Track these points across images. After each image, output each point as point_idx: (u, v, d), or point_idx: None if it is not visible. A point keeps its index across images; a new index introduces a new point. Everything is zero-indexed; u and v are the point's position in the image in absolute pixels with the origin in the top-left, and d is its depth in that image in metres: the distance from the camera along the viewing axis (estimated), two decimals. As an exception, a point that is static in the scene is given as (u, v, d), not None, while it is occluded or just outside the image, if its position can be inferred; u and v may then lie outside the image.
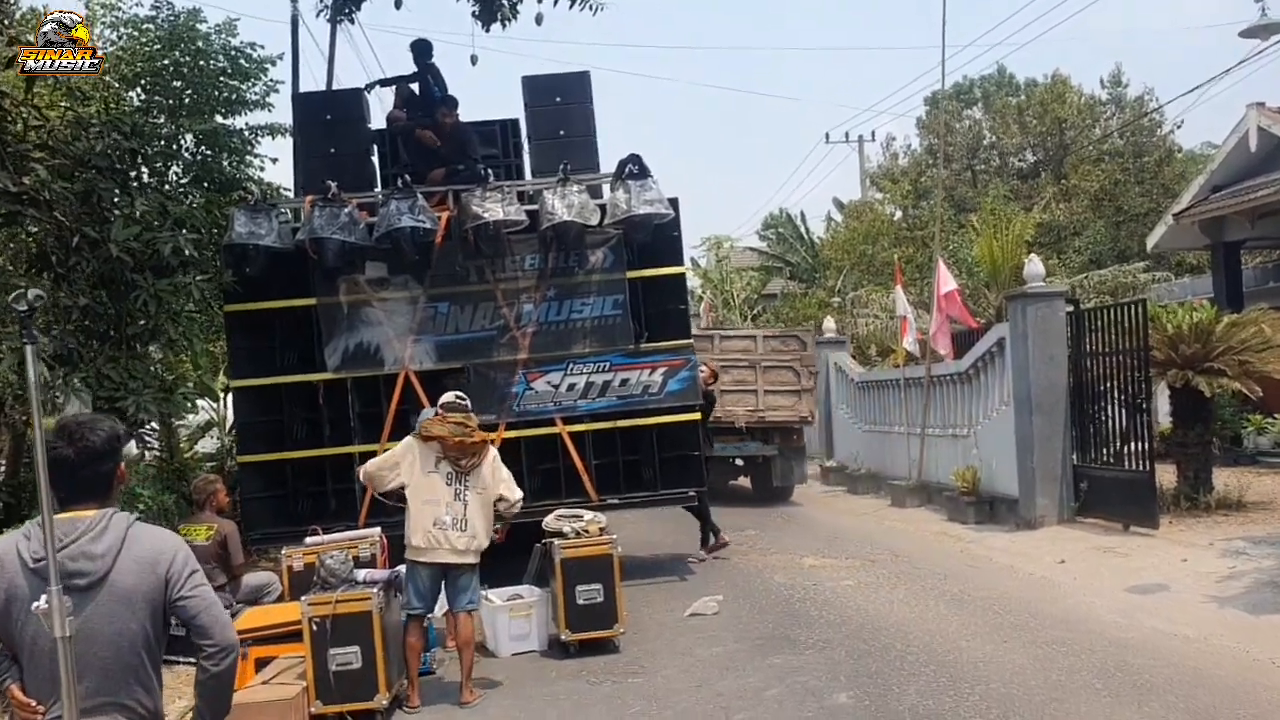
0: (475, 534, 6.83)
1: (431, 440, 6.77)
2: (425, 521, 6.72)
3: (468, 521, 6.78)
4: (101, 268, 8.58)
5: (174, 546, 3.06)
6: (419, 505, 6.74)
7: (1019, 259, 16.33)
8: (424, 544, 6.71)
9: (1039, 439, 12.09)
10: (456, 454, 6.75)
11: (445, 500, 6.75)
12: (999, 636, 7.68)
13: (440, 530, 6.71)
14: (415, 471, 6.79)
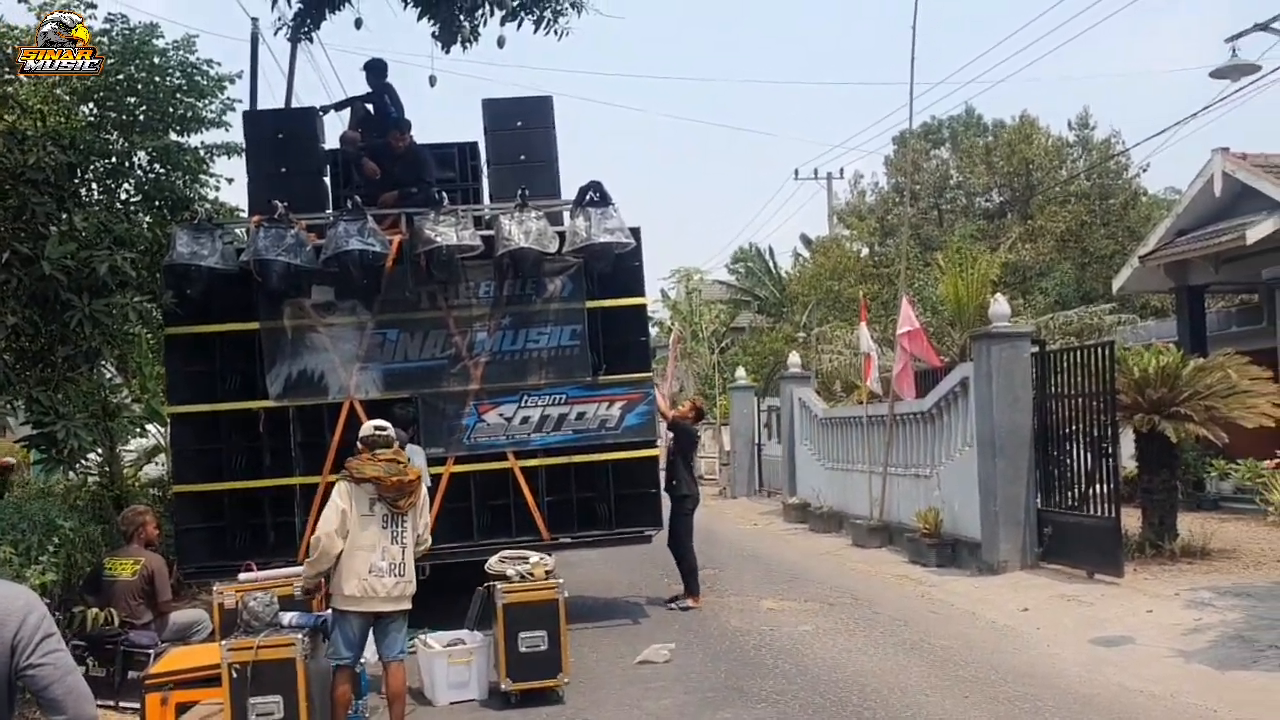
0: (410, 577, 6.44)
1: (365, 482, 6.36)
2: (359, 568, 6.26)
3: (404, 566, 6.38)
4: (34, 286, 8.21)
5: (25, 606, 2.69)
6: (353, 550, 6.27)
7: (984, 298, 16.20)
8: (357, 592, 6.27)
9: (1002, 481, 11.88)
10: (394, 495, 6.35)
11: (382, 545, 6.32)
12: (959, 690, 7.39)
13: (376, 577, 6.28)
14: (351, 516, 6.36)
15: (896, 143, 33.26)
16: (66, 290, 8.27)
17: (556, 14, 12.29)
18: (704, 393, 30.92)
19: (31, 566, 7.07)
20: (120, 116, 11.03)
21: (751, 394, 25.54)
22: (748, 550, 15.37)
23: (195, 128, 11.86)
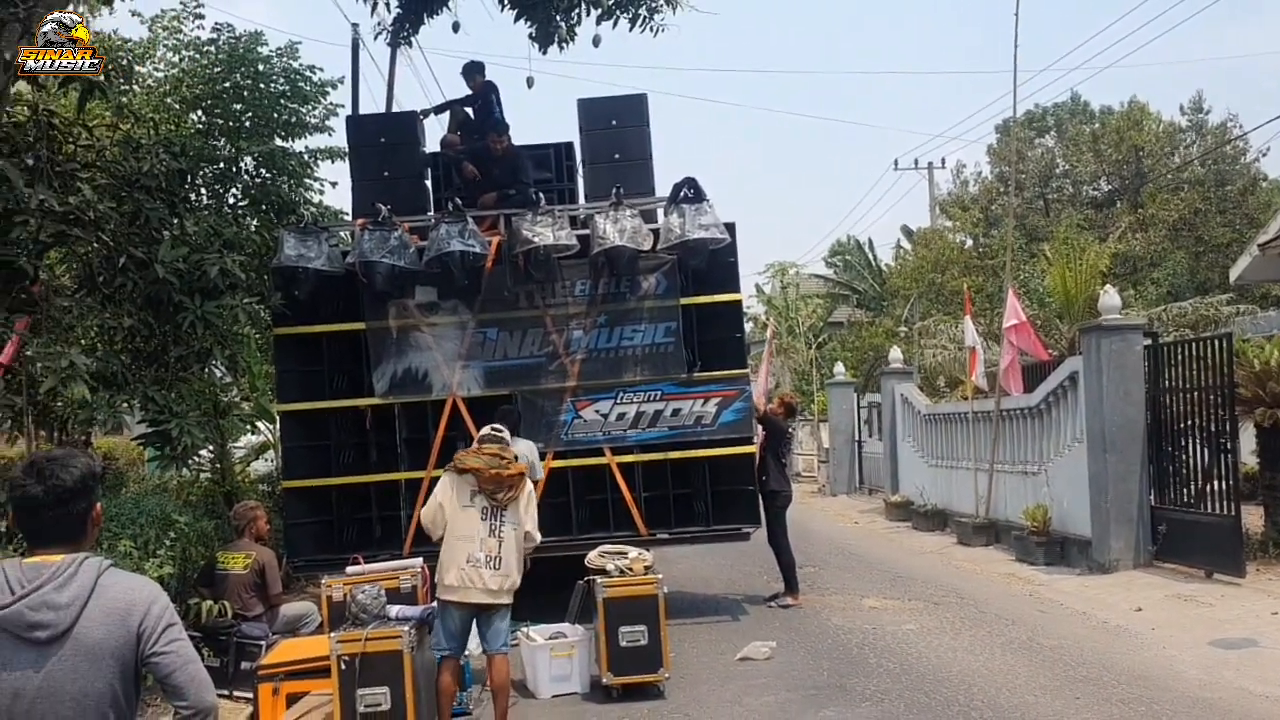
0: (509, 572, 6.49)
1: (466, 472, 6.47)
2: (458, 558, 6.39)
3: (502, 559, 6.44)
4: (149, 289, 8.49)
5: (149, 597, 2.77)
6: (452, 540, 6.42)
7: (1093, 290, 15.72)
8: (455, 582, 6.38)
9: (1113, 478, 11.52)
10: (493, 487, 6.44)
11: (480, 536, 6.42)
12: (1070, 691, 7.18)
13: (473, 568, 6.37)
14: (451, 505, 6.49)
15: (1000, 131, 32.48)
16: (179, 293, 8.54)
17: (652, 11, 12.27)
18: (801, 389, 30.65)
19: (150, 560, 7.34)
20: (227, 123, 11.39)
21: (851, 390, 25.22)
22: (849, 548, 15.17)
23: (299, 133, 12.19)
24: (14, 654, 2.62)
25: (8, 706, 2.62)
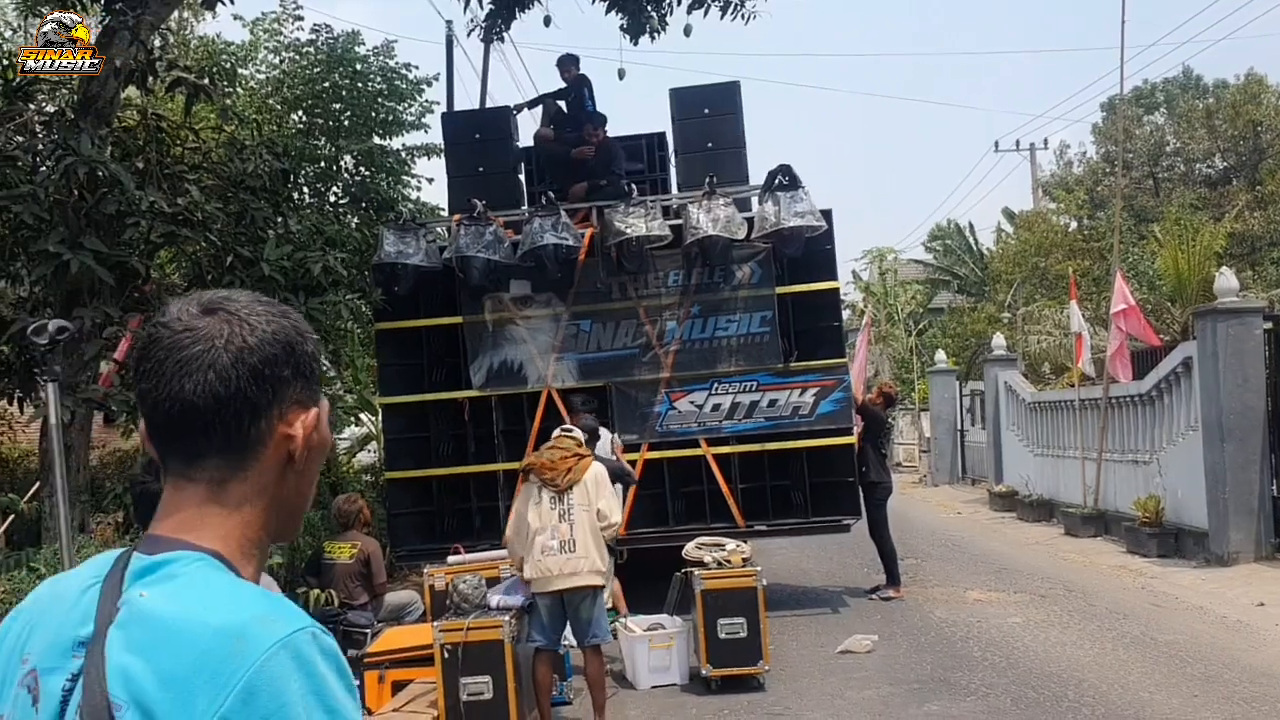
0: (586, 553, 6.39)
1: (529, 473, 6.58)
2: (535, 551, 6.39)
3: (575, 542, 6.39)
4: (255, 286, 8.71)
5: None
6: (530, 538, 6.45)
7: (1208, 272, 15.14)
8: (534, 574, 6.39)
9: (1231, 467, 11.07)
10: (549, 475, 6.47)
11: (551, 525, 6.40)
12: (1187, 689, 6.91)
13: (548, 556, 6.36)
14: (526, 508, 6.53)
15: (1105, 109, 31.50)
16: (284, 290, 8.75)
17: (743, -2, 12.15)
18: (901, 377, 30.15)
19: (258, 550, 7.52)
20: (327, 123, 11.65)
21: (952, 378, 24.72)
22: (951, 539, 14.87)
23: (396, 131, 12.42)
24: None
25: None
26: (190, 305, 1.23)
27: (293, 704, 1.07)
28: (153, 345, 1.21)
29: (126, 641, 1.11)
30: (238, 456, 1.21)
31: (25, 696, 1.18)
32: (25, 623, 1.25)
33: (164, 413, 1.20)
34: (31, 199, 7.08)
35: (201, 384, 1.18)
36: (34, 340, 2.31)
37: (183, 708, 1.06)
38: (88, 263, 7.10)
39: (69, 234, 7.25)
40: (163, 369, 1.19)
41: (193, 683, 1.06)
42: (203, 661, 1.07)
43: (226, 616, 1.10)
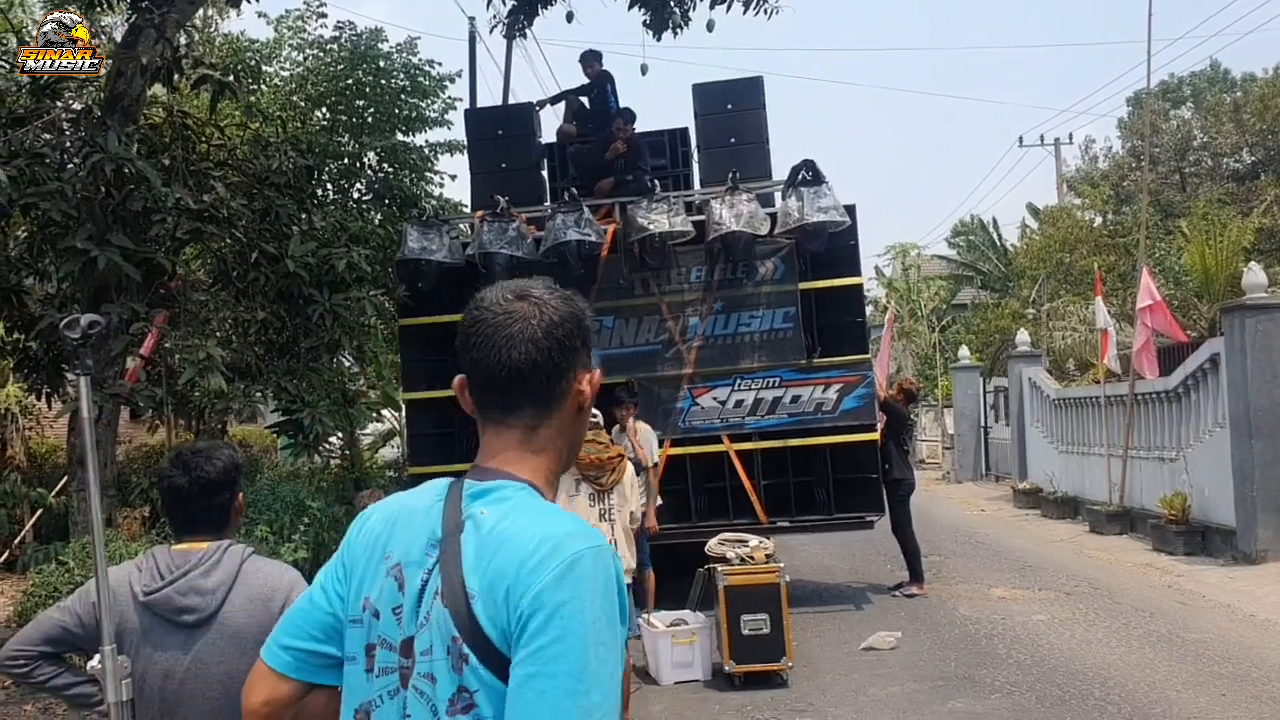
0: (622, 555, 6.51)
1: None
2: None
3: (617, 542, 6.47)
4: (280, 283, 8.77)
5: (289, 582, 2.85)
6: None
7: (1235, 267, 14.99)
8: None
9: (1260, 464, 10.97)
10: (595, 473, 6.49)
11: (591, 522, 6.45)
12: (1215, 688, 6.85)
13: None
14: (560, 499, 6.49)
15: (1131, 104, 31.21)
16: (309, 286, 8.80)
17: (767, -8, 12.10)
18: (924, 373, 30.02)
19: (285, 544, 7.58)
20: (351, 120, 11.69)
21: (976, 374, 24.59)
22: (975, 537, 14.80)
23: (419, 127, 12.46)
24: (164, 636, 2.74)
25: (159, 686, 2.73)
26: (504, 293, 1.64)
27: (589, 590, 1.45)
28: (479, 324, 1.61)
29: (474, 545, 1.52)
30: (545, 407, 1.62)
31: (392, 584, 1.59)
32: (381, 528, 1.66)
33: (493, 376, 1.60)
34: (59, 196, 7.13)
35: (523, 353, 1.58)
36: (66, 334, 2.33)
37: (518, 592, 1.45)
38: (115, 259, 7.15)
39: (96, 231, 7.31)
40: (492, 342, 1.59)
41: (523, 575, 1.45)
42: (532, 559, 1.46)
43: (549, 529, 1.50)
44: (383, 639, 1.59)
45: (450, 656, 1.49)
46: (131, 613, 2.76)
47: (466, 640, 1.48)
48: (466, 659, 1.48)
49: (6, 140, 7.13)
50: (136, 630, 2.75)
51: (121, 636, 2.74)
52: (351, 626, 1.65)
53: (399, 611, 1.57)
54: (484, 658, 1.47)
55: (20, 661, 2.79)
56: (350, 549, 1.70)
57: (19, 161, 7.00)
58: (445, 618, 1.50)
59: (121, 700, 2.51)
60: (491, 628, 1.46)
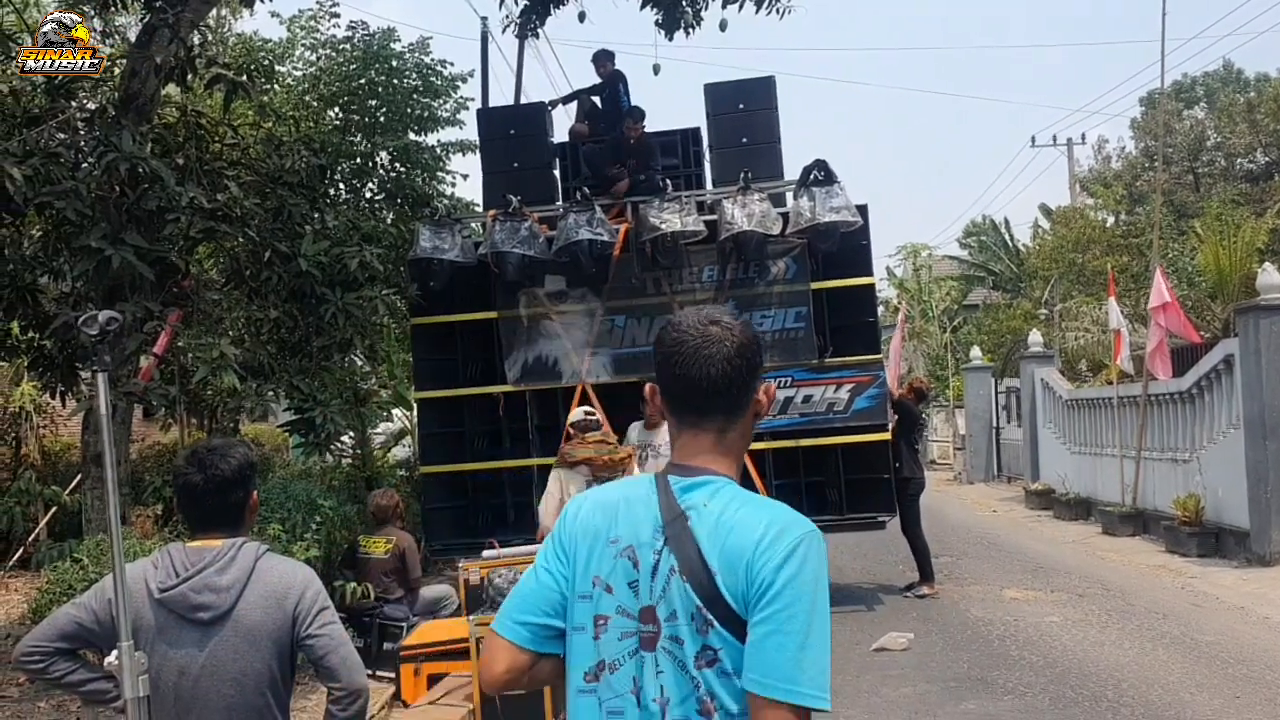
0: None
1: (579, 464, 6.46)
2: None
3: None
4: (292, 282, 8.78)
5: (304, 580, 2.86)
6: None
7: (1249, 268, 14.92)
8: None
9: (1274, 466, 10.91)
10: (606, 474, 6.48)
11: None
12: (1229, 690, 6.83)
13: None
14: (568, 498, 6.47)
15: (1145, 104, 31.10)
16: (321, 285, 8.80)
17: (779, -9, 12.06)
18: (935, 374, 29.95)
19: (297, 543, 7.60)
20: (363, 119, 11.70)
21: (988, 375, 24.53)
22: (987, 538, 14.76)
23: (432, 127, 12.46)
24: (180, 633, 2.75)
25: (174, 683, 2.74)
26: (699, 320, 1.98)
27: (811, 567, 1.82)
28: (680, 345, 1.95)
29: (706, 530, 1.86)
30: (734, 415, 1.97)
31: (626, 563, 1.92)
32: (599, 518, 1.98)
33: (694, 389, 1.94)
34: (74, 195, 7.16)
35: (721, 370, 1.92)
36: (84, 331, 2.35)
37: (756, 567, 1.80)
38: (128, 258, 7.17)
39: (110, 230, 7.33)
40: (694, 361, 1.93)
41: (758, 553, 1.81)
42: (764, 540, 1.82)
43: (773, 516, 1.87)
44: (620, 608, 1.91)
45: (694, 622, 1.84)
46: (147, 610, 2.77)
47: (709, 608, 1.83)
48: (711, 624, 1.83)
49: (22, 139, 7.17)
50: (151, 627, 2.76)
51: (137, 633, 2.74)
52: (580, 601, 1.95)
53: (635, 585, 1.90)
54: (724, 622, 1.82)
55: (36, 657, 2.80)
56: (568, 535, 2.02)
57: (34, 160, 7.02)
58: (686, 590, 1.85)
59: (139, 696, 2.51)
60: (731, 597, 1.82)
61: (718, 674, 1.84)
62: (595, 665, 1.93)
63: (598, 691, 1.92)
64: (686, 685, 1.85)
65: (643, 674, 1.88)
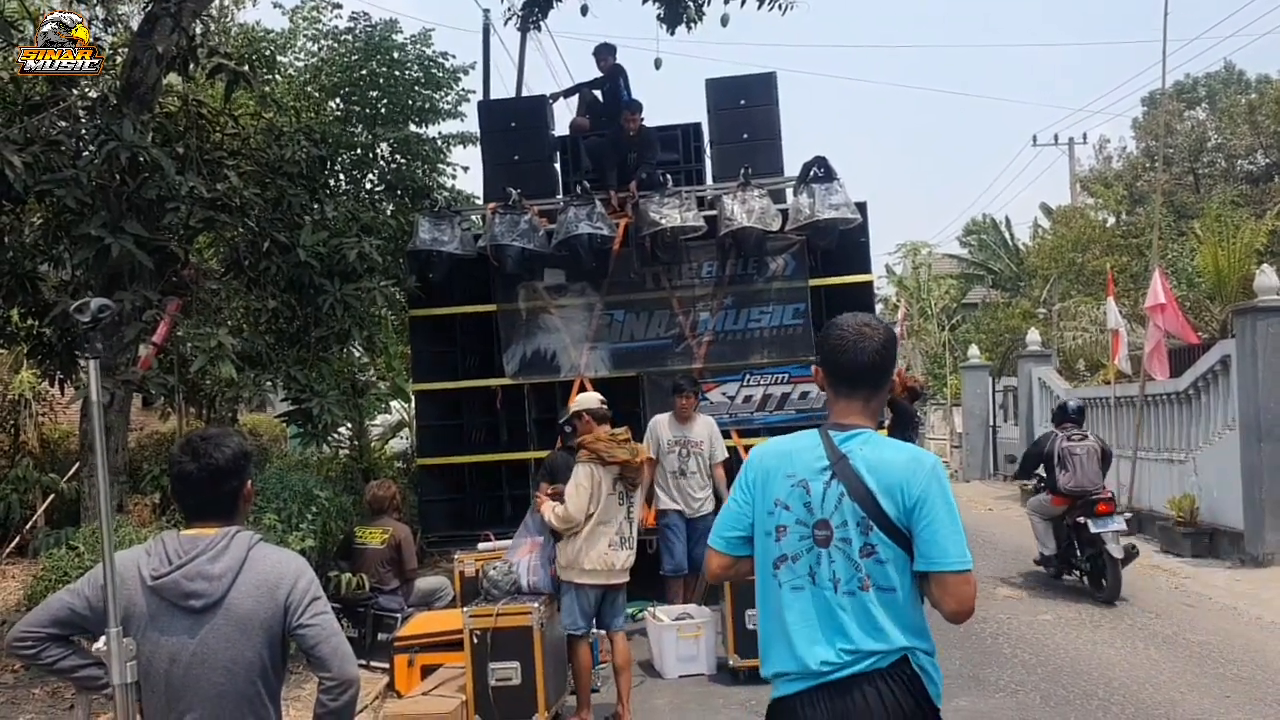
0: (634, 550, 6.58)
1: (613, 464, 6.43)
2: (601, 545, 6.36)
3: (631, 539, 6.53)
4: (291, 272, 8.81)
5: (296, 570, 2.88)
6: (595, 528, 6.36)
7: (1248, 269, 14.93)
8: (599, 566, 6.36)
9: (1269, 467, 10.93)
10: (634, 475, 6.50)
11: (618, 521, 6.44)
12: (1219, 690, 6.86)
13: (613, 551, 6.38)
14: (601, 496, 6.42)
15: (1146, 104, 31.11)
16: (319, 276, 8.83)
17: (781, -13, 12.07)
18: (933, 372, 29.99)
19: (293, 533, 7.61)
20: (364, 110, 11.70)
21: (985, 373, 24.55)
22: (983, 535, 14.77)
23: (433, 119, 12.46)
24: (171, 621, 2.76)
25: (165, 670, 2.76)
26: (855, 322, 2.87)
27: (943, 482, 2.75)
28: (842, 339, 2.84)
29: (864, 465, 2.75)
30: (877, 389, 2.89)
31: (800, 490, 2.79)
32: (776, 461, 2.87)
33: (851, 369, 2.83)
34: (74, 183, 7.17)
35: (869, 358, 2.82)
36: (76, 318, 2.37)
37: (907, 487, 2.70)
38: (128, 247, 7.19)
39: (110, 218, 7.35)
40: (853, 351, 2.82)
41: (907, 478, 2.71)
42: (909, 469, 2.73)
43: (910, 453, 2.80)
44: (797, 520, 2.80)
45: (860, 527, 2.74)
46: (139, 597, 2.79)
47: (871, 519, 2.73)
48: (871, 528, 2.73)
49: (23, 127, 7.18)
50: (144, 614, 2.78)
51: (129, 620, 2.77)
52: (765, 517, 2.86)
53: (809, 505, 2.79)
54: (882, 528, 2.73)
55: (28, 643, 2.82)
56: (752, 475, 2.92)
57: (34, 148, 7.04)
58: (854, 507, 2.74)
59: (127, 683, 2.53)
60: (890, 510, 2.72)
61: (874, 562, 2.74)
62: (778, 558, 2.83)
63: (779, 576, 2.83)
64: (851, 570, 2.76)
65: (818, 563, 2.78)
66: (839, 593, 2.76)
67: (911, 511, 2.71)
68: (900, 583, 2.76)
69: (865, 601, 2.76)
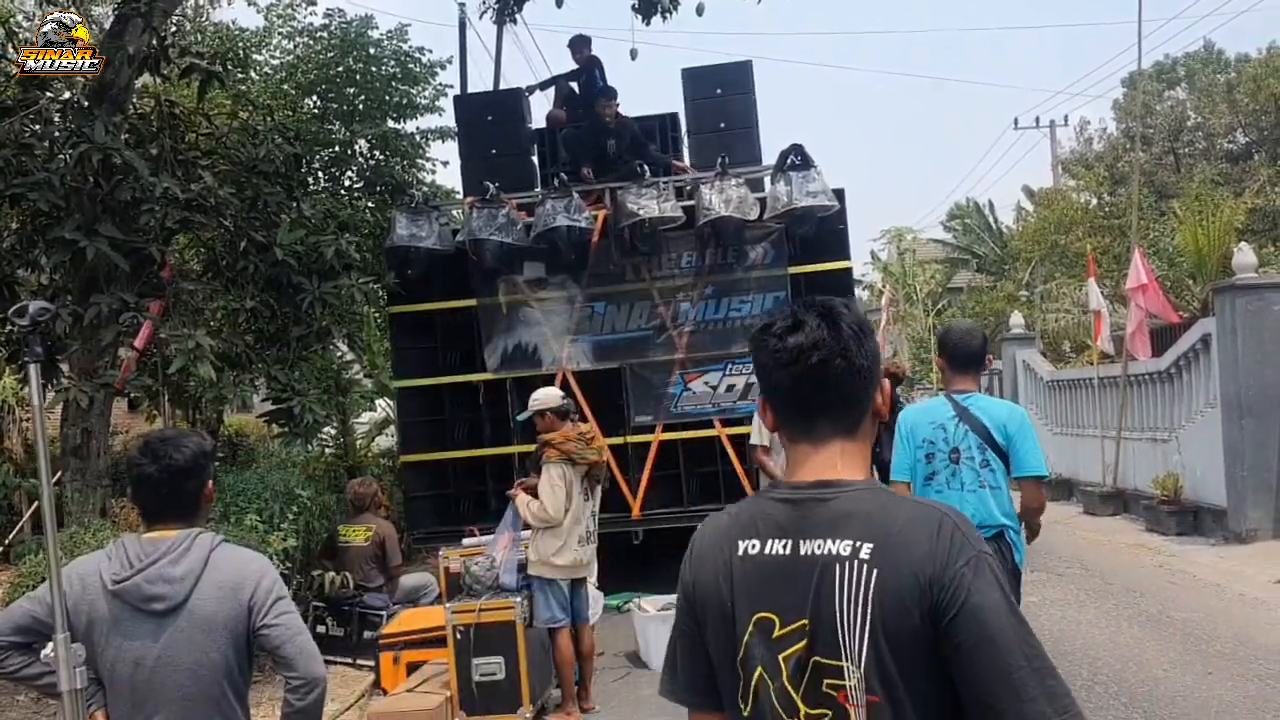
0: (595, 544, 6.77)
1: (583, 464, 6.53)
2: (572, 541, 6.49)
3: (595, 533, 6.72)
4: (269, 271, 8.77)
5: (259, 571, 2.88)
6: (570, 525, 6.48)
7: (1228, 248, 14.97)
8: (569, 561, 6.47)
9: (1250, 444, 11.00)
10: (599, 473, 6.64)
11: (584, 516, 6.60)
12: (1202, 666, 6.91)
13: (582, 546, 6.56)
14: (573, 495, 6.55)
15: (1125, 85, 31.16)
16: (298, 274, 8.78)
17: (757, -26, 12.06)
18: (919, 356, 30.06)
19: (274, 533, 7.60)
20: (341, 107, 11.67)
21: (971, 357, 24.57)
22: (969, 518, 14.85)
23: (410, 114, 12.43)
24: (134, 625, 2.76)
25: (129, 674, 2.75)
26: (965, 325, 5.61)
27: (1027, 422, 4.85)
28: (949, 330, 5.29)
29: (979, 412, 4.78)
30: (978, 370, 5.09)
31: (940, 430, 4.80)
32: (918, 417, 4.91)
33: (965, 355, 4.98)
34: (47, 186, 7.13)
35: (979, 347, 5.04)
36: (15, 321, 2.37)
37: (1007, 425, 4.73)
38: (104, 249, 7.16)
39: (85, 221, 7.32)
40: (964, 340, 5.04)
41: (1007, 420, 4.76)
42: (1005, 414, 4.81)
43: (1005, 407, 5.04)
44: (939, 450, 4.75)
45: (980, 451, 4.69)
46: (102, 601, 2.78)
47: (987, 445, 4.67)
48: (986, 450, 4.68)
49: (-7, 131, 7.13)
50: (107, 619, 2.77)
51: (92, 625, 2.77)
52: (917, 449, 4.79)
53: (946, 439, 4.73)
54: (994, 449, 4.67)
55: None
56: (907, 430, 4.82)
57: (6, 152, 7.02)
58: (975, 440, 4.69)
59: (75, 689, 2.53)
60: (999, 439, 4.66)
61: (989, 471, 4.67)
62: (930, 472, 4.75)
63: (933, 484, 4.71)
64: (974, 476, 4.68)
65: (953, 474, 4.71)
66: (965, 490, 4.64)
67: (1010, 440, 4.62)
68: (1003, 484, 4.66)
69: (983, 496, 4.64)
